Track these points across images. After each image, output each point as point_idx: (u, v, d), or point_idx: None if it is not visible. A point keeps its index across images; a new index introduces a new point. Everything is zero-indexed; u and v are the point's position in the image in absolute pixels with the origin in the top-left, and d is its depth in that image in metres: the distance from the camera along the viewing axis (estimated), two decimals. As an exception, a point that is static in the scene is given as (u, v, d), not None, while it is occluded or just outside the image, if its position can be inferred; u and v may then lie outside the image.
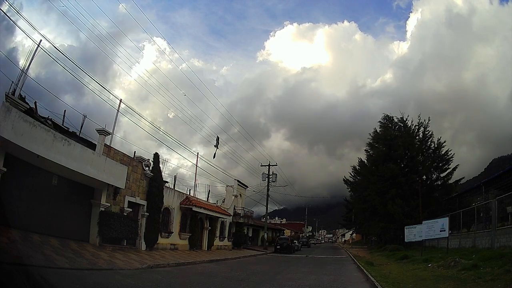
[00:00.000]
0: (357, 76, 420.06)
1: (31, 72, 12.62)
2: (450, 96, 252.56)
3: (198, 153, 28.91)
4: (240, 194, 36.63)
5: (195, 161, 28.12)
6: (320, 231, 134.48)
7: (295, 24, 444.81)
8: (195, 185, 28.20)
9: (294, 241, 40.73)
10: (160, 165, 19.92)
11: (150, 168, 19.09)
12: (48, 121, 13.39)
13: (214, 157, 30.04)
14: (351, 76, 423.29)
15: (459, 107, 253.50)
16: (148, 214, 18.45)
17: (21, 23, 25.65)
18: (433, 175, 33.11)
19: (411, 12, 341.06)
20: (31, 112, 12.10)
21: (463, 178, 34.03)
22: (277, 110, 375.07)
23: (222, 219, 30.65)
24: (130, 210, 17.13)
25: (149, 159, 19.32)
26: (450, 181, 31.91)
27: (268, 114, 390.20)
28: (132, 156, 18.13)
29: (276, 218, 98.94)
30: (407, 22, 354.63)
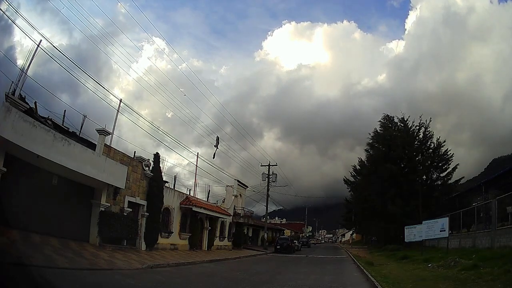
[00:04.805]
0: (356, 75, 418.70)
1: (29, 71, 12.57)
2: (444, 96, 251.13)
3: (198, 153, 28.96)
4: (240, 194, 36.63)
5: (193, 161, 28.17)
6: (320, 231, 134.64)
7: (293, 23, 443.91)
8: (195, 185, 28.25)
9: (294, 241, 40.69)
10: (160, 165, 19.94)
11: (150, 168, 19.08)
12: (48, 121, 13.39)
13: (214, 157, 30.15)
14: (349, 75, 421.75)
15: (453, 108, 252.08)
16: (148, 214, 18.44)
17: (19, 22, 25.47)
18: (433, 175, 33.06)
19: (410, 10, 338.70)
20: (31, 112, 12.10)
21: (462, 178, 33.88)
22: (271, 109, 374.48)
23: (222, 219, 30.63)
24: (130, 210, 17.12)
25: (149, 159, 19.31)
26: (450, 181, 31.86)
27: (261, 113, 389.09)
28: (132, 156, 18.13)
29: (276, 218, 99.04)
30: (406, 20, 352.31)
